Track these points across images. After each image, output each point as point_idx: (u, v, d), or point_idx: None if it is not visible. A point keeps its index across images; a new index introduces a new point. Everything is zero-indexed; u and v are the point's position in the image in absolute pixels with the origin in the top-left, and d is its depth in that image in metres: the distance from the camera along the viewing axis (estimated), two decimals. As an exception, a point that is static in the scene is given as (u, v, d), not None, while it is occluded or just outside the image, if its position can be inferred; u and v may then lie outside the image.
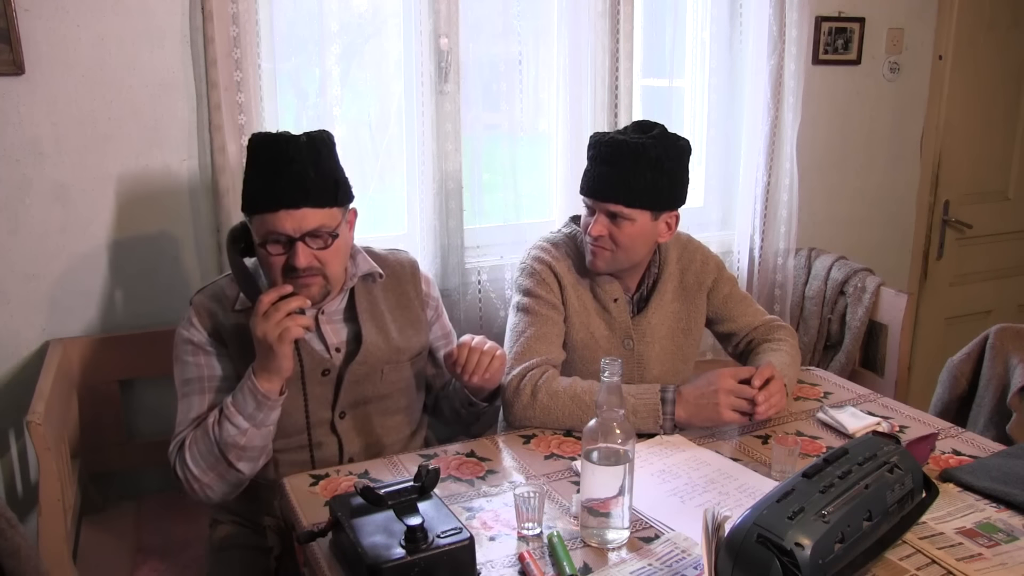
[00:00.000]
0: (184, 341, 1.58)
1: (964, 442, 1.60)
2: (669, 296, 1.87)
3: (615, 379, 1.23)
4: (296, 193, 1.46)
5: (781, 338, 1.88)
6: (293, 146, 1.47)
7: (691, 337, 1.90)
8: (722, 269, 1.95)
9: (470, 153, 2.27)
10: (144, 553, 1.84)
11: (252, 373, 1.48)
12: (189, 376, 1.57)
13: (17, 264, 1.91)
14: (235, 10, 1.90)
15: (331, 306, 1.64)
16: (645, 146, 1.65)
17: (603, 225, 1.70)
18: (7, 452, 1.99)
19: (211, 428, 1.49)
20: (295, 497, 1.40)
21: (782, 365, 1.74)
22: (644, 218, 1.70)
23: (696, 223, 2.64)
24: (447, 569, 1.12)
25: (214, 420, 1.49)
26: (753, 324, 1.92)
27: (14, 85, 1.82)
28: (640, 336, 1.84)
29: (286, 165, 1.46)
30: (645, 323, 1.84)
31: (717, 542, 1.08)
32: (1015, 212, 3.36)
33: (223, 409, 1.49)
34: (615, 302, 1.81)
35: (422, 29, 2.12)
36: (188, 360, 1.58)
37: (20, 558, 1.18)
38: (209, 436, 1.48)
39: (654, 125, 1.73)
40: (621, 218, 1.69)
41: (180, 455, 1.51)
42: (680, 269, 1.89)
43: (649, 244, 1.77)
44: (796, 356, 1.85)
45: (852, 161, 2.98)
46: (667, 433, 1.61)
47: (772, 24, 2.52)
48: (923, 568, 1.19)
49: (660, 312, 1.85)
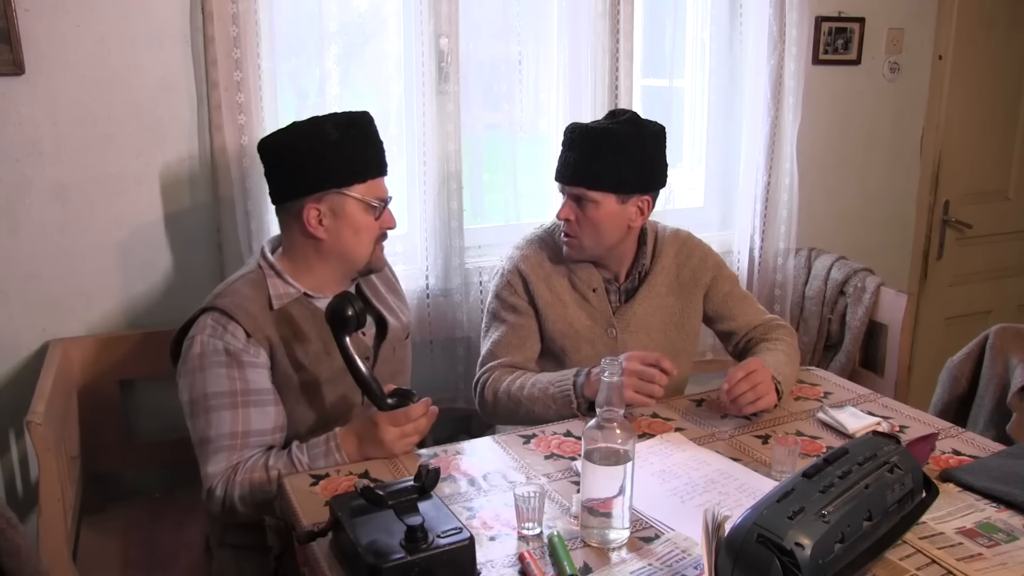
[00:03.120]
0: (216, 351, 1.51)
1: (964, 442, 1.60)
2: (663, 289, 1.88)
3: (615, 379, 1.23)
4: (385, 161, 1.66)
5: (779, 337, 1.89)
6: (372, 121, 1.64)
7: (684, 333, 1.91)
8: (722, 267, 1.96)
9: (470, 153, 2.27)
10: (144, 553, 1.84)
11: (340, 446, 1.47)
12: (218, 390, 1.50)
13: (17, 264, 1.91)
14: (235, 10, 1.90)
15: None
16: (609, 131, 1.71)
17: (570, 208, 1.76)
18: (7, 452, 1.99)
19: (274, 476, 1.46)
20: (295, 497, 1.40)
21: (777, 363, 1.74)
22: (609, 201, 1.74)
23: (696, 223, 2.64)
24: (447, 569, 1.12)
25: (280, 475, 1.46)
26: (753, 323, 1.93)
27: (14, 85, 1.82)
28: (624, 325, 1.85)
29: (376, 136, 1.64)
30: (631, 313, 1.85)
31: (717, 542, 1.08)
32: (1015, 212, 3.36)
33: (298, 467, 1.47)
34: (594, 291, 1.84)
35: (422, 29, 2.12)
36: (220, 372, 1.51)
37: (20, 558, 1.18)
38: (273, 488, 1.46)
39: (625, 112, 1.79)
40: (586, 201, 1.74)
41: (225, 486, 1.48)
42: (677, 264, 1.90)
43: (619, 229, 1.79)
44: (793, 355, 1.85)
45: (852, 161, 2.98)
46: (583, 414, 1.66)
47: (772, 24, 2.52)
48: (923, 568, 1.19)
49: (649, 303, 1.87)
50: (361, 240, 1.62)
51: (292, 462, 1.48)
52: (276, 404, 1.55)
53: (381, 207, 1.62)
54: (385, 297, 1.79)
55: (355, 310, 1.45)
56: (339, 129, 1.57)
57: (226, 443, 1.50)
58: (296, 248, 1.63)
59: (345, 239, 1.61)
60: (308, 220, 1.58)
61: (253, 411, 1.51)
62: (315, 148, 1.55)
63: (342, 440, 1.48)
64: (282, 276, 1.61)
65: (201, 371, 1.51)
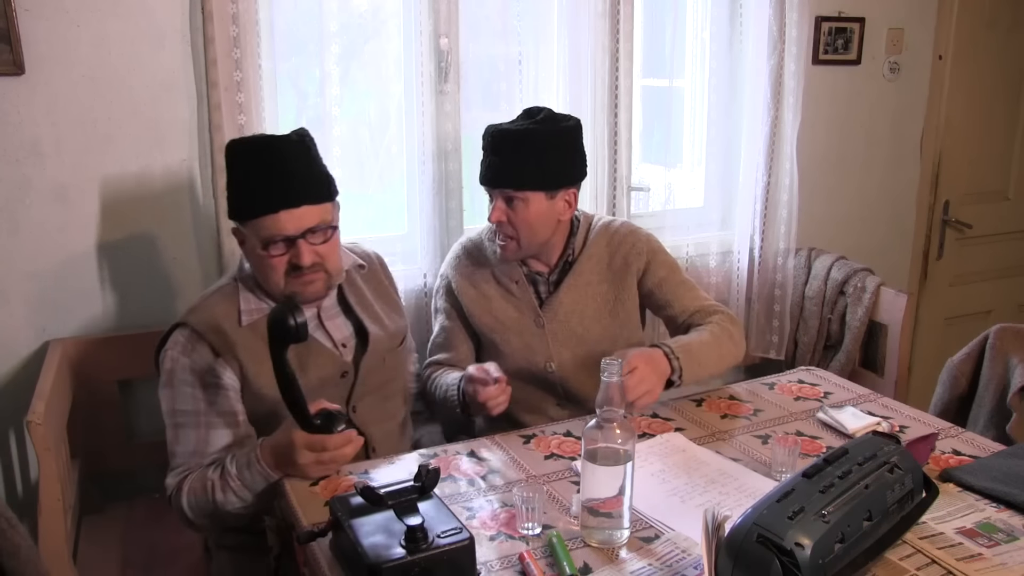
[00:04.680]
0: (183, 369, 1.53)
1: (964, 442, 1.59)
2: (593, 277, 1.89)
3: (615, 379, 1.23)
4: (295, 192, 1.49)
5: (712, 321, 1.84)
6: (286, 146, 1.50)
7: (619, 320, 1.91)
8: (657, 254, 1.93)
9: (470, 153, 2.27)
10: (144, 553, 1.84)
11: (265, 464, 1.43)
12: (184, 408, 1.53)
13: (17, 264, 1.91)
14: (235, 10, 1.90)
15: (326, 303, 1.66)
16: (529, 131, 1.75)
17: (501, 211, 1.79)
18: (7, 452, 1.99)
19: (212, 491, 1.46)
20: (295, 497, 1.40)
21: (693, 343, 1.73)
22: (538, 199, 1.78)
23: (696, 223, 2.65)
24: (447, 569, 1.12)
25: (215, 485, 1.46)
26: (690, 309, 1.88)
27: (14, 85, 1.82)
28: (552, 315, 1.88)
29: (281, 165, 1.48)
30: (557, 302, 1.88)
31: (717, 542, 1.08)
32: (1015, 212, 3.36)
33: (228, 479, 1.45)
34: (516, 283, 1.89)
35: (422, 29, 2.12)
36: (186, 391, 1.53)
37: (20, 558, 1.18)
38: (208, 497, 1.47)
39: (541, 110, 1.81)
40: (516, 201, 1.77)
41: (178, 496, 1.50)
42: (609, 251, 1.91)
43: (551, 223, 1.83)
44: (722, 336, 1.80)
45: (852, 161, 2.98)
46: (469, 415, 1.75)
47: (772, 24, 2.52)
48: (923, 568, 1.19)
49: (577, 292, 1.88)
50: (265, 272, 1.54)
51: (223, 473, 1.47)
52: (236, 426, 1.55)
53: (269, 243, 1.50)
54: (371, 303, 1.74)
55: (296, 321, 1.34)
56: (242, 159, 1.52)
57: (185, 460, 1.53)
58: None
59: (255, 268, 1.58)
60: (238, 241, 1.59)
61: (213, 432, 1.53)
62: (227, 175, 1.55)
63: (262, 453, 1.44)
64: (254, 291, 1.60)
65: (170, 387, 1.54)
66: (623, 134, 2.38)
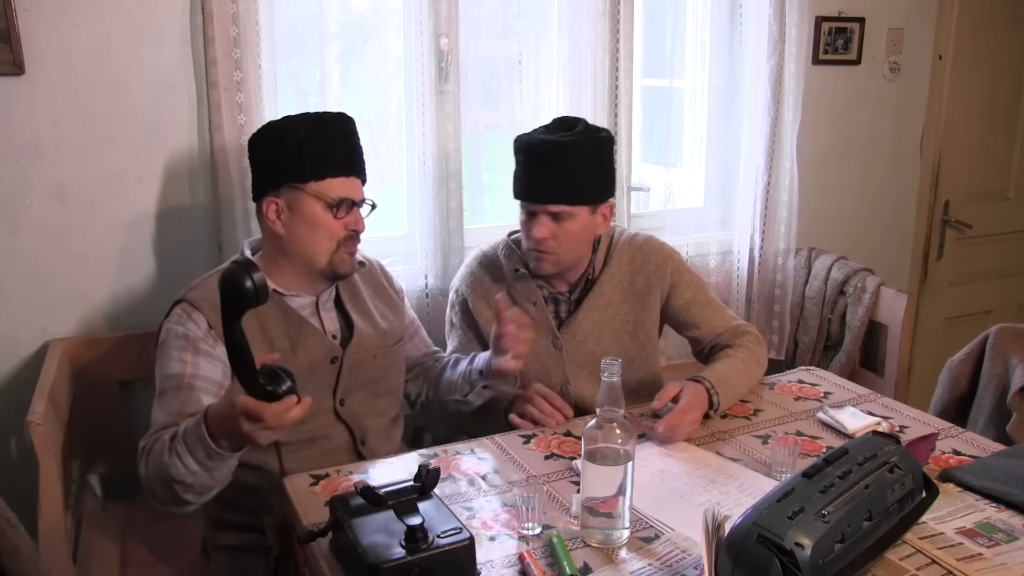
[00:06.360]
0: (176, 336, 1.53)
1: (964, 442, 1.60)
2: (614, 297, 1.86)
3: (615, 379, 1.23)
4: (360, 164, 1.67)
5: (741, 344, 1.83)
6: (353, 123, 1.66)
7: (639, 341, 1.89)
8: (682, 275, 1.90)
9: (470, 153, 2.27)
10: (144, 553, 1.84)
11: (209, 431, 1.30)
12: (172, 372, 1.50)
13: (17, 264, 1.91)
14: (235, 10, 1.90)
15: (324, 295, 1.69)
16: (576, 143, 1.70)
17: (547, 227, 1.72)
18: (7, 452, 1.99)
19: (162, 453, 1.38)
20: (295, 497, 1.40)
21: (729, 372, 1.73)
22: (584, 213, 1.75)
23: (696, 223, 2.65)
24: (447, 569, 1.12)
25: (165, 446, 1.38)
26: (717, 331, 1.87)
27: (14, 85, 1.82)
28: (570, 336, 1.85)
29: (351, 137, 1.65)
30: (576, 323, 1.85)
31: (717, 542, 1.08)
32: (1015, 212, 3.36)
33: (175, 440, 1.36)
34: (534, 306, 1.84)
35: (422, 29, 2.12)
36: (175, 355, 1.51)
37: (20, 558, 1.18)
38: (161, 459, 1.37)
39: (576, 120, 1.77)
40: (563, 216, 1.72)
41: (143, 459, 1.43)
42: (631, 271, 1.88)
43: (589, 239, 1.81)
44: (750, 362, 1.80)
45: (852, 161, 2.98)
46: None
47: (772, 24, 2.52)
48: (923, 568, 1.19)
49: (597, 313, 1.85)
50: (318, 238, 1.59)
51: (174, 434, 1.38)
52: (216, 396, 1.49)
53: (340, 205, 1.59)
54: (366, 302, 1.75)
55: (254, 281, 1.16)
56: (306, 127, 1.57)
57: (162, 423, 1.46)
58: (266, 245, 1.67)
59: (301, 236, 1.60)
60: (267, 214, 1.60)
61: (194, 395, 1.48)
62: (279, 143, 1.57)
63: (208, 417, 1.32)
64: None
65: (162, 356, 1.54)
66: (623, 134, 2.38)
